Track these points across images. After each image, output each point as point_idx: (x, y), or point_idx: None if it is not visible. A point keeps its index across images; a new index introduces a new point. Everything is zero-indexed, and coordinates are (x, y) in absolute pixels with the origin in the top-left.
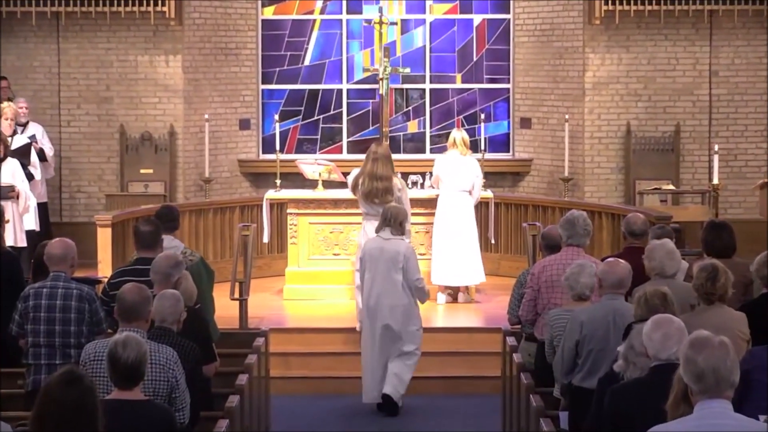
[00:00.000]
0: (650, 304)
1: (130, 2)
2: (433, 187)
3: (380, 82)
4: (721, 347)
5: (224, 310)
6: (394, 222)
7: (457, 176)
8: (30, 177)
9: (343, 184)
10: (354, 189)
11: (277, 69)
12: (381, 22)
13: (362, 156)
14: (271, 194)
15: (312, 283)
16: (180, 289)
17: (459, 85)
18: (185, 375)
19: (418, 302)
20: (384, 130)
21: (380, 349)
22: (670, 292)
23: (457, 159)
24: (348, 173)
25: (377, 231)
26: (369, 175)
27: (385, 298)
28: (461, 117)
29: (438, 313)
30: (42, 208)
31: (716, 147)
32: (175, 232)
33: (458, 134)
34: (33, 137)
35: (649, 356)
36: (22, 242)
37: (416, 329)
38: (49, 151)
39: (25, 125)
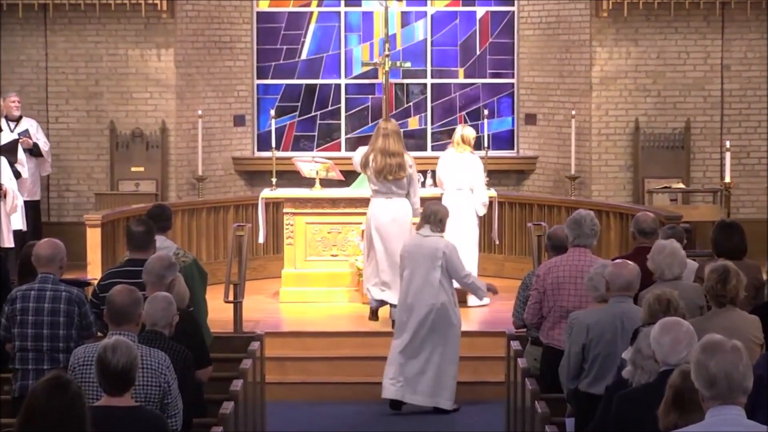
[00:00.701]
0: (652, 310)
1: None
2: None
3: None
4: (734, 352)
5: (218, 313)
6: (434, 219)
7: (453, 175)
8: (17, 175)
9: (341, 183)
10: (364, 167)
11: (273, 63)
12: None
13: None
14: (266, 193)
15: (309, 286)
16: (173, 291)
17: (461, 80)
18: (177, 380)
19: (476, 300)
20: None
21: (412, 347)
22: (675, 297)
23: (454, 157)
24: (346, 171)
25: (417, 229)
26: (381, 152)
27: (423, 296)
28: (464, 113)
29: None
30: (34, 206)
31: (728, 144)
32: (168, 232)
33: (458, 130)
34: (26, 132)
35: (658, 361)
36: (9, 243)
37: (454, 331)
38: (44, 146)
39: (18, 120)
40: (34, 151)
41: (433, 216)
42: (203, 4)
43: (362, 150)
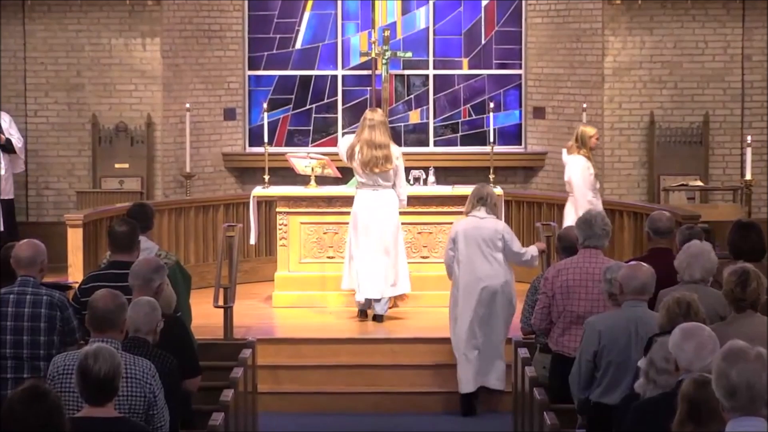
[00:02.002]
0: (671, 314)
1: None
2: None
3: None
4: (758, 360)
5: (207, 318)
6: (490, 201)
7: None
8: None
9: (337, 180)
10: (350, 158)
11: (266, 53)
12: None
13: None
14: (258, 191)
15: (304, 289)
16: (160, 296)
17: (466, 71)
18: (163, 390)
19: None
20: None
21: (480, 332)
22: (696, 301)
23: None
24: (342, 168)
25: (469, 212)
26: (367, 144)
27: (486, 278)
28: (468, 106)
29: (438, 323)
30: (7, 205)
31: (749, 139)
32: (149, 232)
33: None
34: None
35: (680, 368)
36: None
37: (513, 311)
38: (17, 142)
39: None
40: (7, 147)
41: (489, 198)
42: None
43: (348, 139)
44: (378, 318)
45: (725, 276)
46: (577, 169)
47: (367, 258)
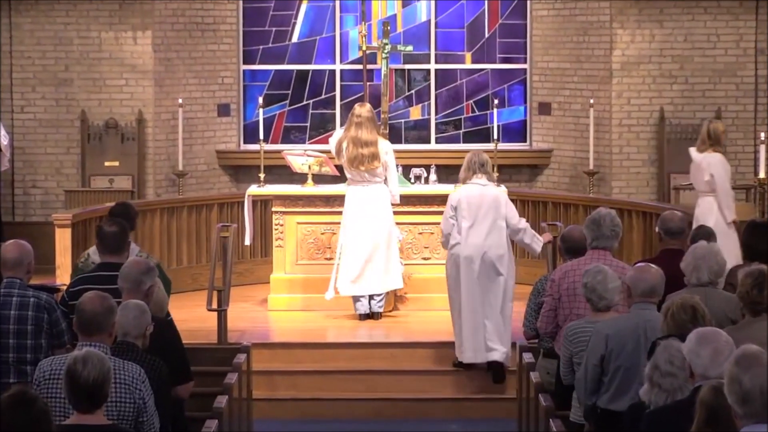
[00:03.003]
0: (677, 319)
1: None
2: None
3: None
4: None
5: (201, 322)
6: (489, 167)
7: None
8: None
9: (335, 179)
10: (338, 154)
11: (261, 47)
12: None
13: None
14: (253, 190)
15: (300, 292)
16: (150, 299)
17: (468, 65)
18: (154, 396)
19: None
20: (383, 116)
21: (483, 302)
22: (701, 305)
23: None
24: (340, 166)
25: (466, 180)
26: (353, 141)
27: (491, 247)
28: (471, 102)
29: (440, 326)
30: None
31: (763, 136)
32: (131, 233)
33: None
34: None
35: (696, 375)
36: None
37: (513, 282)
38: (3, 139)
39: None
40: None
41: (488, 164)
42: None
43: (338, 134)
44: (376, 315)
45: (740, 278)
46: (719, 167)
47: (361, 255)
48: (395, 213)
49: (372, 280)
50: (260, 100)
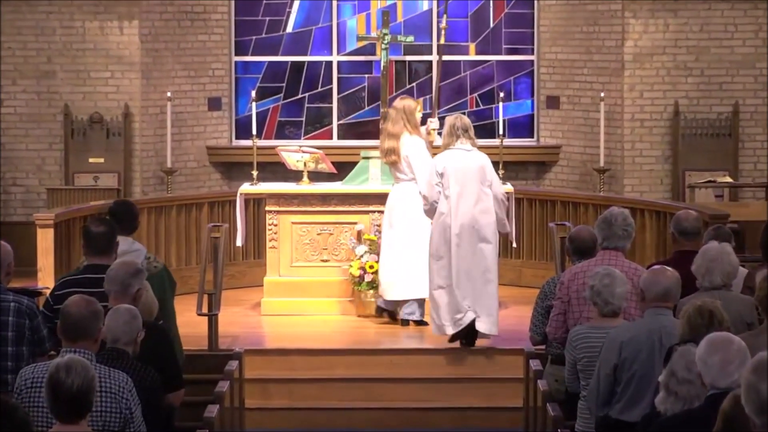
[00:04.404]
0: (692, 324)
1: None
2: None
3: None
4: None
5: (191, 327)
6: (471, 131)
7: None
8: None
9: (332, 176)
10: None
11: (254, 37)
12: None
13: (355, 142)
14: (246, 188)
15: (295, 296)
16: (138, 303)
17: (473, 57)
18: (142, 405)
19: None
20: (382, 110)
21: (472, 272)
22: (719, 308)
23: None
24: (338, 163)
25: (449, 145)
26: (382, 133)
27: (480, 214)
28: (475, 95)
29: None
30: None
31: None
32: (134, 233)
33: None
34: None
35: (705, 384)
36: None
37: (497, 252)
38: None
39: None
40: None
41: (471, 129)
42: None
43: None
44: (403, 322)
45: (758, 281)
46: None
47: (383, 259)
48: None
49: (391, 286)
50: (253, 93)
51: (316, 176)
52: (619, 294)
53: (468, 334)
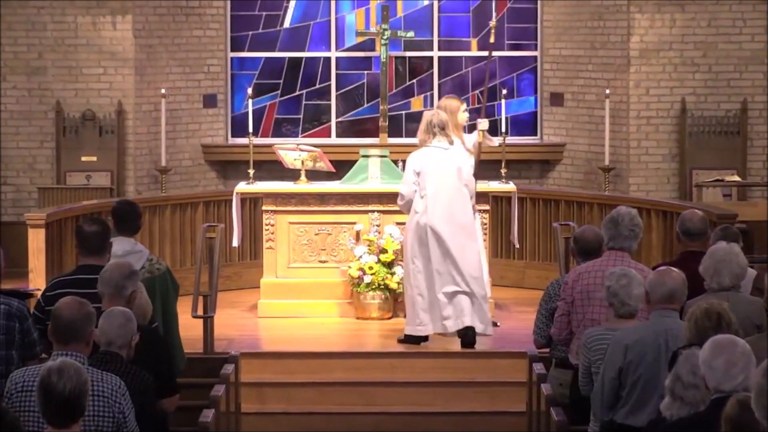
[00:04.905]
0: (699, 327)
1: None
2: None
3: (380, 36)
4: None
5: (185, 330)
6: (449, 128)
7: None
8: None
9: (331, 175)
10: None
11: (250, 33)
12: None
13: (353, 140)
14: (242, 187)
15: (293, 298)
16: (133, 305)
17: (474, 52)
18: (135, 410)
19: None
20: (382, 107)
21: (449, 274)
22: (727, 310)
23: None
24: (337, 161)
25: (425, 142)
26: None
27: (458, 215)
28: (477, 92)
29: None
30: None
31: None
32: (135, 234)
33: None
34: None
35: (709, 388)
36: None
37: (477, 248)
38: None
39: None
40: None
41: (448, 125)
42: None
43: None
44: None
45: (767, 282)
46: None
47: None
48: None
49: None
50: (249, 90)
51: (314, 175)
52: (636, 295)
53: (464, 340)
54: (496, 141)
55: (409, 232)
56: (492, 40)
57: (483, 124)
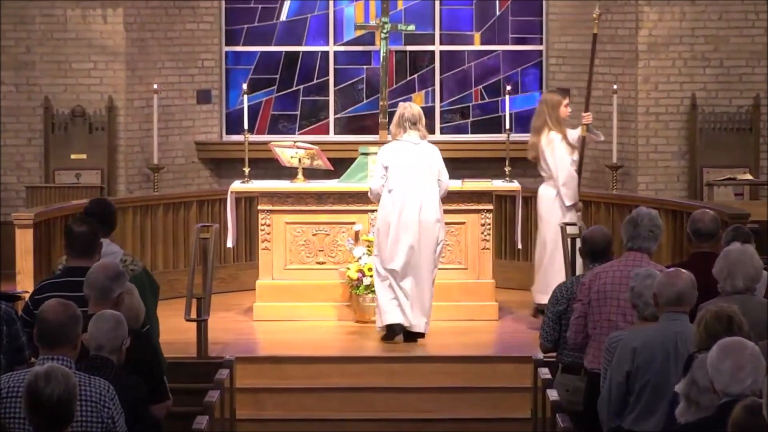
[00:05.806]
0: (710, 330)
1: None
2: None
3: (379, 30)
4: None
5: (178, 333)
6: (421, 123)
7: None
8: None
9: (329, 173)
10: None
11: (246, 26)
12: None
13: (352, 137)
14: (237, 186)
15: (289, 300)
16: (123, 307)
17: (477, 47)
18: (125, 416)
19: None
20: (381, 104)
21: (414, 269)
22: (737, 313)
23: None
24: (335, 159)
25: (396, 136)
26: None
27: (425, 212)
28: (480, 87)
29: (445, 339)
30: None
31: None
32: (111, 234)
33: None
34: None
35: (717, 391)
36: None
37: (440, 249)
38: None
39: None
40: None
41: (421, 119)
42: None
43: None
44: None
45: None
46: None
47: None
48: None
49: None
50: (245, 85)
51: (311, 173)
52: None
53: (405, 333)
54: (601, 135)
55: (377, 227)
56: (595, 30)
57: (587, 118)
